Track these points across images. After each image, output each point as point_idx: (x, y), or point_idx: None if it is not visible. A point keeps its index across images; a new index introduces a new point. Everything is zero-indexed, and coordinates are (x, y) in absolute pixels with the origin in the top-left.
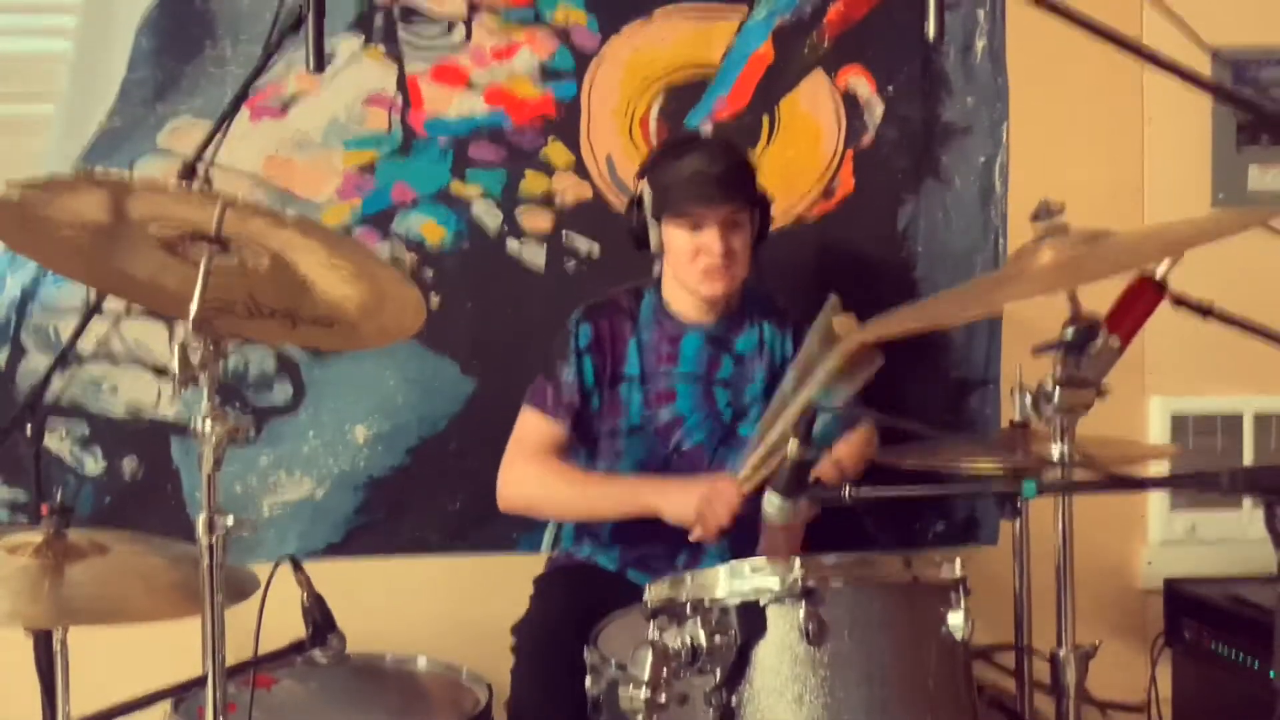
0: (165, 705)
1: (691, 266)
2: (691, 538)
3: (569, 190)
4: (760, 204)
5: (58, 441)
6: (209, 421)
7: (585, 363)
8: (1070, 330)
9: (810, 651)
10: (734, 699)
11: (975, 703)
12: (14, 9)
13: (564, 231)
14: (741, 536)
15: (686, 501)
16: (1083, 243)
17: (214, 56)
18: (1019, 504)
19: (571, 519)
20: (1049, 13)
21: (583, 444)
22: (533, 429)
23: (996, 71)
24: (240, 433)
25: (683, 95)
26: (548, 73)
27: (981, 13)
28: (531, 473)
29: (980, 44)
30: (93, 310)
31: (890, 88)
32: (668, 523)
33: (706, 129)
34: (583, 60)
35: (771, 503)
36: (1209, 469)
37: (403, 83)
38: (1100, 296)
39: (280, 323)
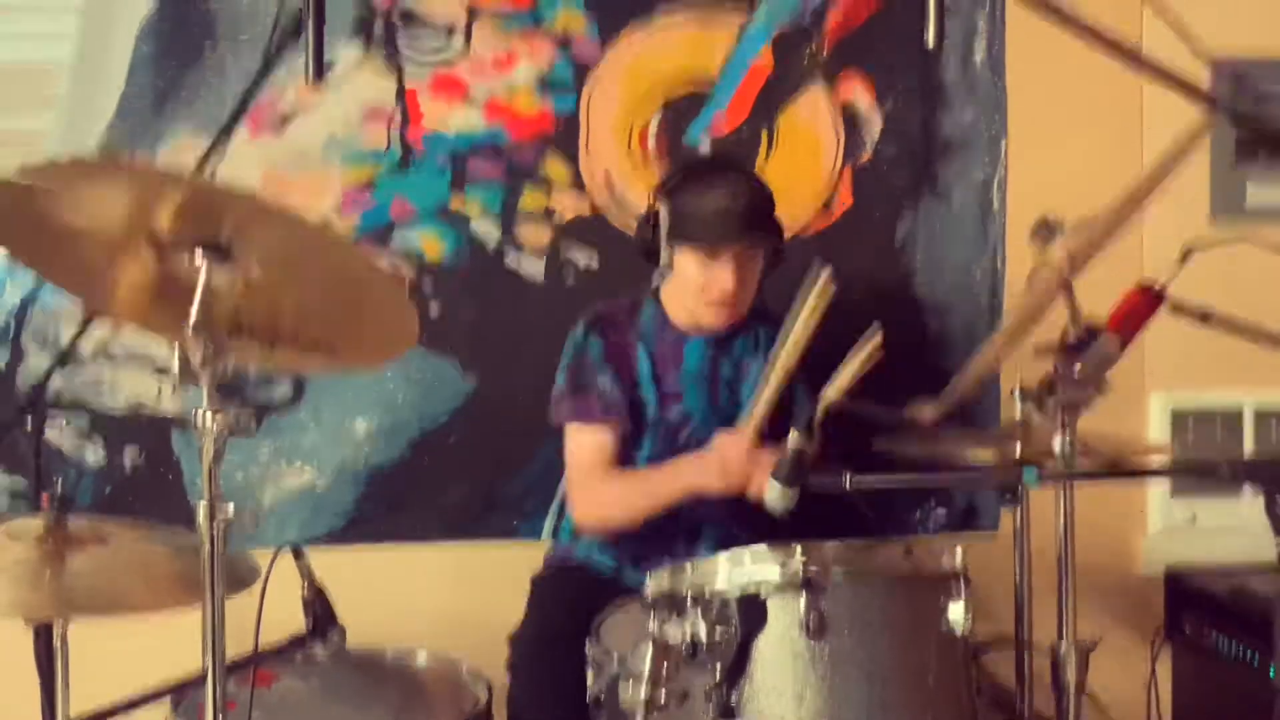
0: (165, 704)
1: (700, 295)
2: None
3: (568, 206)
4: (776, 235)
5: (58, 433)
6: (209, 414)
7: (610, 369)
8: (1070, 334)
9: (810, 647)
10: (734, 695)
11: (975, 699)
12: (13, 9)
13: (562, 247)
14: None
15: (709, 473)
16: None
17: (213, 65)
18: (1020, 493)
19: (644, 518)
20: (1048, 18)
21: (629, 445)
22: (585, 445)
23: (996, 81)
24: (241, 423)
25: (682, 108)
26: (547, 85)
27: (981, 20)
28: (601, 491)
29: (979, 52)
30: (93, 314)
31: (889, 100)
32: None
33: (705, 146)
34: (582, 71)
35: (772, 489)
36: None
37: (401, 96)
38: (1100, 300)
39: (260, 345)
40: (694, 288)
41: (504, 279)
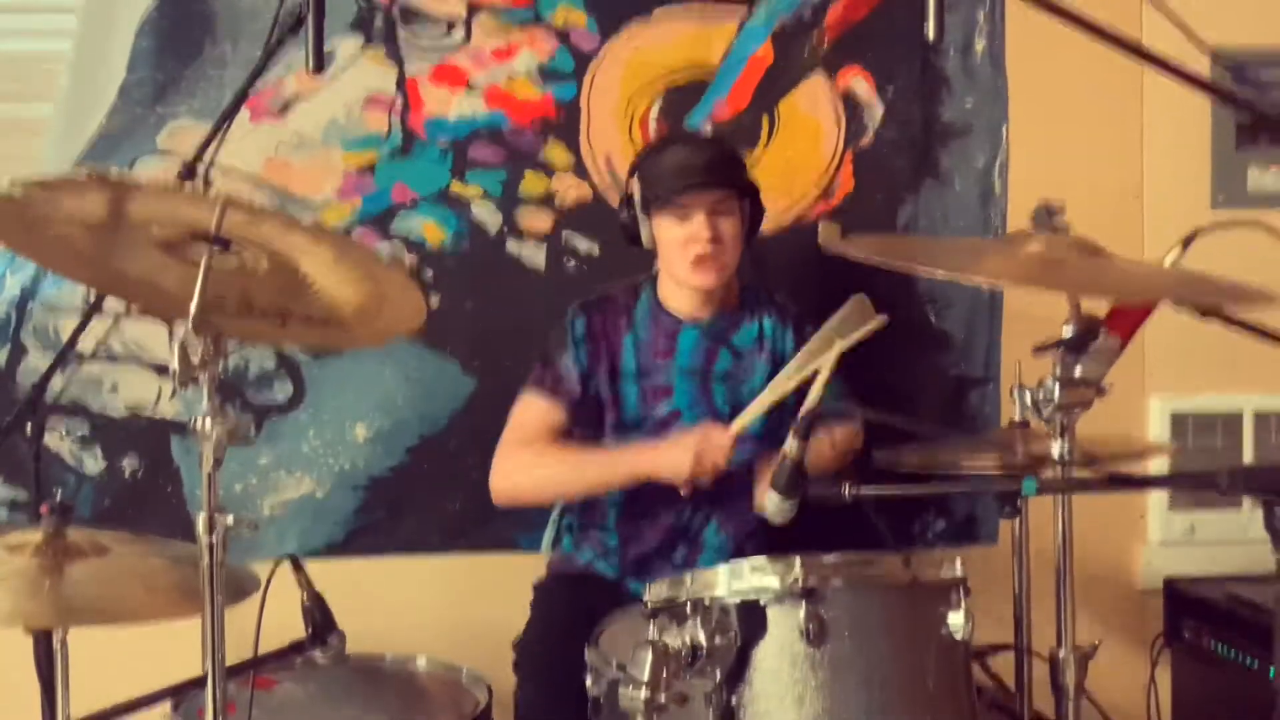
0: (165, 706)
1: (682, 256)
2: (684, 491)
3: (569, 191)
4: (749, 193)
5: (58, 440)
6: (209, 420)
7: (582, 352)
8: (1070, 330)
9: (810, 653)
10: (734, 700)
11: (975, 704)
12: (13, 9)
13: (563, 232)
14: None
15: (681, 457)
16: (1075, 248)
17: (214, 58)
18: (1019, 503)
19: (568, 497)
20: (1048, 13)
21: (584, 432)
22: (530, 414)
23: (996, 72)
24: (240, 431)
25: (682, 96)
26: (547, 74)
27: (981, 13)
28: (525, 458)
29: (980, 44)
30: (93, 310)
31: (890, 89)
32: (664, 483)
33: (706, 130)
34: (582, 61)
35: (771, 500)
36: (1208, 468)
37: (402, 84)
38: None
39: (270, 321)
40: (675, 250)
41: (505, 266)
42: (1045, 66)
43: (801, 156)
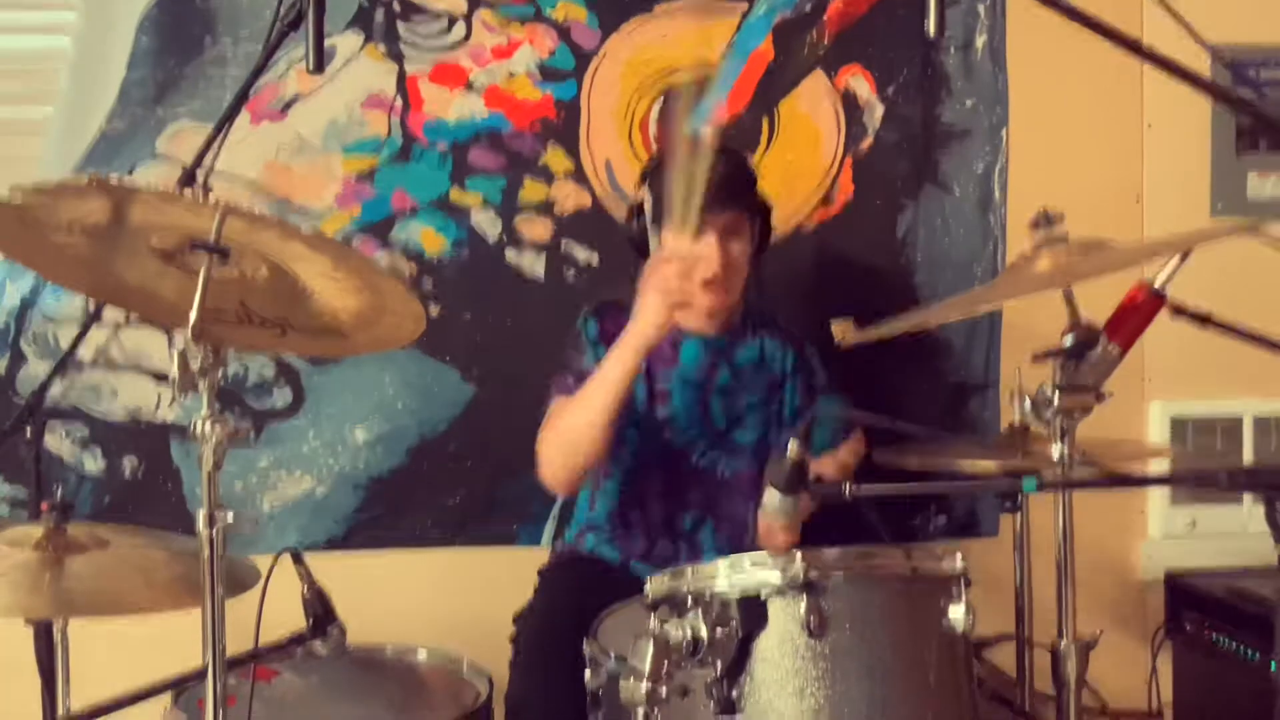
0: (165, 698)
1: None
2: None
3: (568, 198)
4: (761, 212)
5: (58, 442)
6: (208, 424)
7: (601, 352)
8: (1069, 338)
9: (811, 644)
10: (735, 692)
11: (976, 696)
12: (13, 6)
13: (563, 240)
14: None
15: (647, 306)
16: (1080, 251)
17: (214, 57)
18: (1019, 499)
19: (598, 429)
20: (1049, 8)
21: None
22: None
23: (997, 71)
24: (240, 435)
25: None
26: (547, 73)
27: (982, 9)
28: (549, 436)
29: (980, 42)
30: (92, 318)
31: (890, 89)
32: (657, 334)
33: (706, 135)
34: (583, 59)
35: (771, 499)
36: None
37: (402, 84)
38: (1100, 304)
39: (270, 331)
40: None
41: (504, 276)
42: (1046, 67)
43: (802, 161)
